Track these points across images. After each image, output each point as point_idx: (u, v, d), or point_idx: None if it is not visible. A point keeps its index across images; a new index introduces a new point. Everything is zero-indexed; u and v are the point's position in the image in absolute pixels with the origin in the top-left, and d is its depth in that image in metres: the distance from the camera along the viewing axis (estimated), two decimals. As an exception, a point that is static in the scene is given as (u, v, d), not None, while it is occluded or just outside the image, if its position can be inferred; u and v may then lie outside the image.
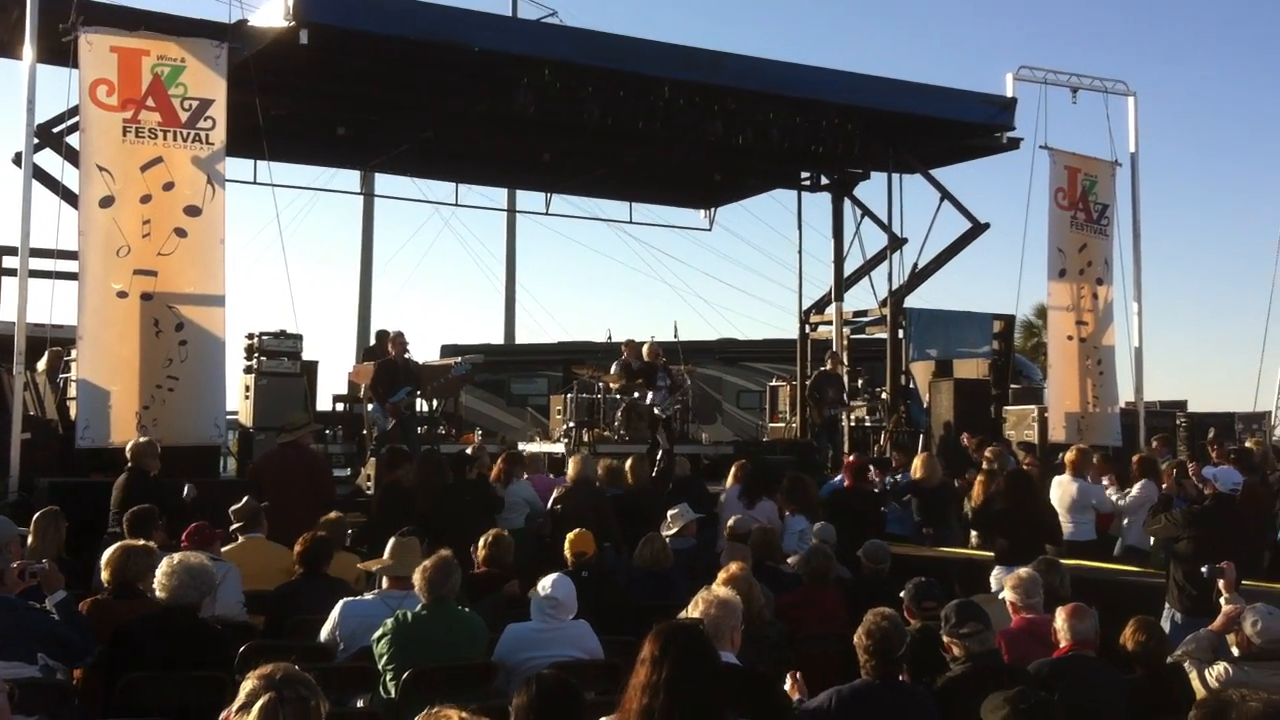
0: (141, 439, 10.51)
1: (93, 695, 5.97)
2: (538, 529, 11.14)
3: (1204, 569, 7.65)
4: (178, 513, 9.01)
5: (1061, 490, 11.73)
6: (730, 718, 4.05)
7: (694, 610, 5.37)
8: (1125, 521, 11.86)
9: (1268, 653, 6.12)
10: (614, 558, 9.81)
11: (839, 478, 13.45)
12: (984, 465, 12.57)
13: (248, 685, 3.48)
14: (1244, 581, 7.77)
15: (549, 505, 11.15)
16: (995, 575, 9.21)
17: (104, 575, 6.72)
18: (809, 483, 11.99)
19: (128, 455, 10.18)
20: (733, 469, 12.22)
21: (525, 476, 11.90)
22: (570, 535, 8.38)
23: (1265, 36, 70.55)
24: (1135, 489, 11.65)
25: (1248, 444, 15.69)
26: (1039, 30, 78.04)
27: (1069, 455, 12.15)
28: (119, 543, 6.85)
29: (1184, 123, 72.97)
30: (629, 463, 12.16)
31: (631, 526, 10.03)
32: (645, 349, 16.09)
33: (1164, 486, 10.85)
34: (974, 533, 11.74)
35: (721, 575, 6.94)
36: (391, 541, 7.23)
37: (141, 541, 7.09)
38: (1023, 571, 7.25)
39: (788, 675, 5.76)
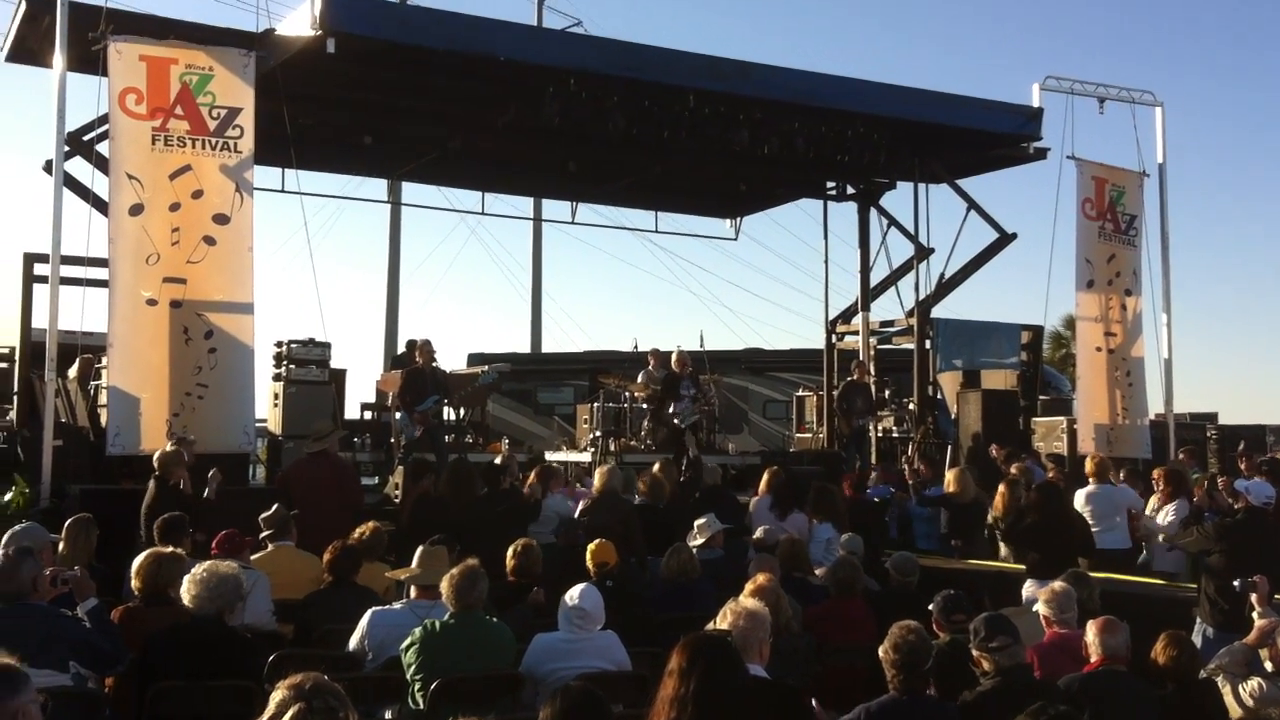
0: (169, 448, 10.51)
1: (124, 704, 5.99)
2: (571, 539, 11.05)
3: (1236, 583, 7.60)
4: (201, 517, 9.10)
5: (1086, 499, 11.62)
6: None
7: (722, 622, 5.34)
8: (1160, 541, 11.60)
9: (1302, 668, 6.07)
10: (638, 571, 9.78)
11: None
12: (1009, 478, 12.52)
13: (277, 695, 3.48)
14: (1277, 595, 7.71)
15: (576, 516, 11.12)
16: (1027, 588, 9.17)
17: (134, 583, 6.75)
18: (836, 492, 11.94)
19: (155, 464, 10.21)
20: (764, 477, 12.13)
21: (557, 490, 11.84)
22: (591, 546, 8.38)
23: (1293, 45, 70.08)
24: (1170, 510, 11.10)
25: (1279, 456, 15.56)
26: (1066, 40, 77.79)
27: (1089, 464, 12.05)
28: (149, 550, 6.89)
29: (1212, 133, 72.59)
30: (656, 467, 12.15)
31: (661, 538, 10.00)
32: (674, 358, 16.07)
33: (1195, 499, 10.77)
34: (1003, 546, 11.65)
35: (749, 586, 6.92)
36: (419, 550, 7.24)
37: (171, 549, 7.11)
38: (1057, 585, 7.20)
39: (813, 700, 5.72)
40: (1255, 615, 7.05)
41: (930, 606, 6.98)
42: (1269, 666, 6.33)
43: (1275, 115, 72.36)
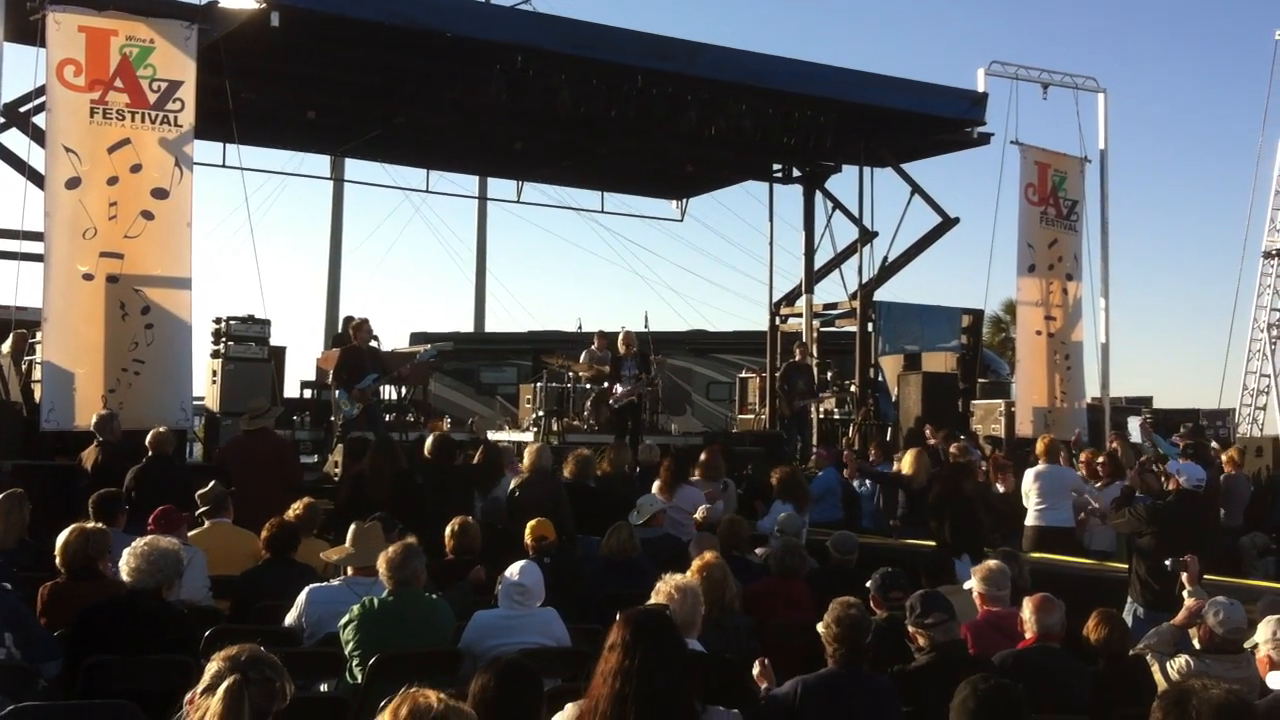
0: (161, 428, 10.64)
1: (57, 677, 5.91)
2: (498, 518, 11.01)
3: (1168, 562, 7.73)
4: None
5: (1035, 476, 11.83)
6: (698, 704, 4.05)
7: (656, 598, 5.39)
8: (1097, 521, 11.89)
9: (1229, 644, 6.19)
10: (569, 548, 9.74)
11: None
12: (951, 459, 12.67)
13: (213, 667, 3.46)
14: (1206, 576, 7.85)
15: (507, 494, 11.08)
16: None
17: (59, 559, 6.62)
18: (799, 474, 12.09)
19: (148, 444, 10.33)
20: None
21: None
22: (530, 523, 8.38)
23: (1233, 35, 71.17)
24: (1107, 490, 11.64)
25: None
26: (1010, 26, 78.45)
27: (1040, 444, 12.28)
28: (74, 525, 6.76)
29: (1153, 120, 73.61)
30: (609, 452, 12.16)
31: (593, 516, 10.01)
32: (620, 338, 16.07)
33: (1127, 480, 10.96)
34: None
35: (696, 563, 6.94)
36: (352, 529, 7.18)
37: (96, 524, 7.00)
38: (991, 563, 7.29)
39: (756, 662, 5.78)
40: (1185, 594, 7.17)
41: (868, 584, 7.05)
42: (1196, 645, 6.45)
43: (1214, 103, 73.52)
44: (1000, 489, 12.50)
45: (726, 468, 12.30)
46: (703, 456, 12.08)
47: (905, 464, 12.61)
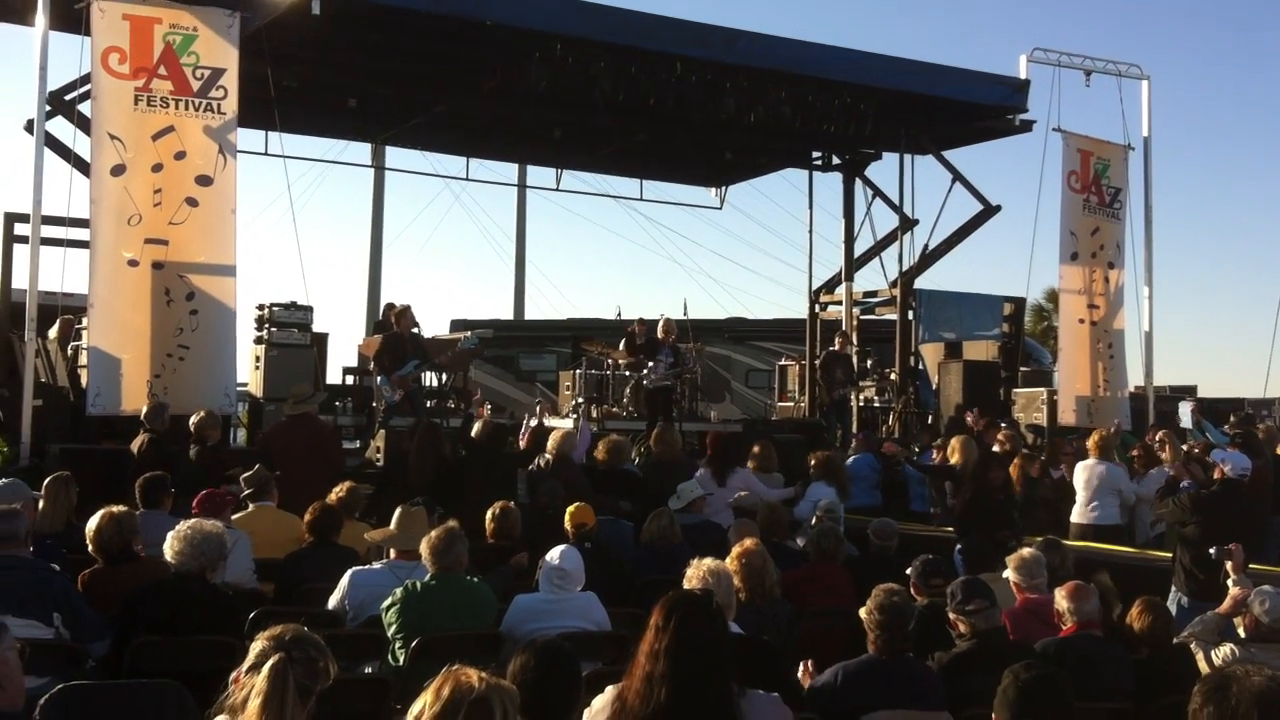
0: (202, 413, 10.78)
1: (104, 658, 6.00)
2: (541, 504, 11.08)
3: (1212, 551, 7.66)
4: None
5: (1087, 473, 11.75)
6: (737, 686, 4.05)
7: (688, 583, 5.41)
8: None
9: (1275, 633, 6.14)
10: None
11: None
12: (996, 448, 12.56)
13: (257, 646, 3.50)
14: (1251, 565, 7.78)
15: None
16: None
17: (92, 547, 6.68)
18: (839, 461, 12.07)
19: (191, 429, 10.49)
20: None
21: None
22: (570, 509, 8.42)
23: (1278, 20, 70.16)
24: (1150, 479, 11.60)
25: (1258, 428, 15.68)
26: (1053, 12, 77.71)
27: (1093, 439, 12.18)
28: (102, 511, 6.81)
29: (1197, 107, 72.73)
30: (656, 433, 12.33)
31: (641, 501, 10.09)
32: (660, 325, 16.09)
33: (1172, 471, 10.86)
34: None
35: (736, 549, 6.95)
36: (397, 512, 7.24)
37: (121, 507, 7.06)
38: (1025, 552, 7.25)
39: (800, 664, 5.77)
40: (1230, 583, 7.11)
41: (908, 571, 7.04)
42: (1241, 634, 6.40)
43: (1260, 91, 72.56)
44: (1055, 476, 12.48)
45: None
46: (755, 449, 12.02)
47: (953, 452, 12.38)
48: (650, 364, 15.76)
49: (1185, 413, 15.63)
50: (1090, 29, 75.41)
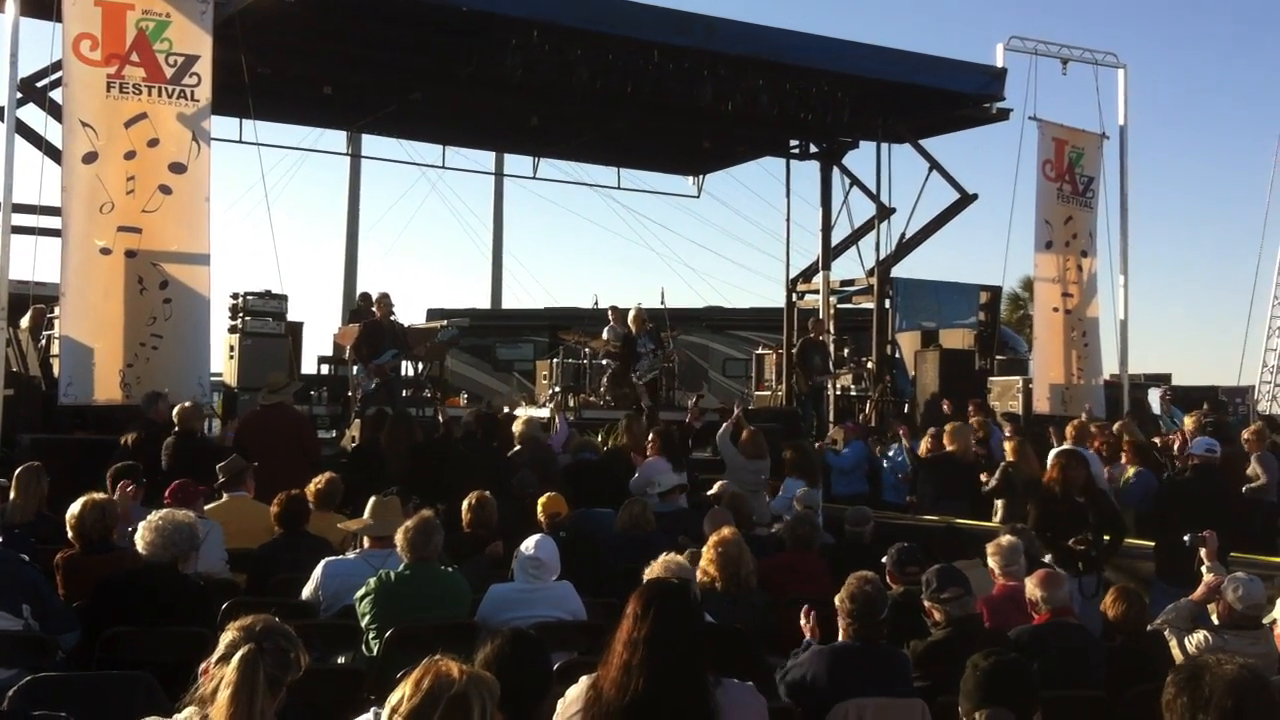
0: (187, 403, 10.63)
1: (75, 647, 5.95)
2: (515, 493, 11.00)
3: (1186, 538, 7.69)
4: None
5: None
6: (711, 675, 4.04)
7: (651, 574, 5.40)
8: None
9: (1248, 619, 6.17)
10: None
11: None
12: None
13: (227, 636, 3.47)
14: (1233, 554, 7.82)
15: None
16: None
17: (72, 531, 6.65)
18: (810, 450, 12.02)
19: (174, 420, 10.37)
20: (652, 440, 11.37)
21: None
22: (542, 499, 8.39)
23: (1256, 11, 70.53)
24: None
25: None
26: (1030, 1, 77.90)
27: (1069, 428, 12.16)
28: (86, 497, 6.77)
29: (1173, 96, 73.06)
30: (622, 423, 12.26)
31: (608, 489, 10.06)
32: (631, 316, 16.03)
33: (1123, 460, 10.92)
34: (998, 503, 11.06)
35: (713, 538, 6.91)
36: (371, 501, 7.20)
37: (103, 495, 7.02)
38: (1004, 539, 7.27)
39: (802, 612, 5.78)
40: (1204, 569, 7.13)
41: (884, 559, 7.04)
42: (1215, 620, 6.42)
43: (1236, 80, 72.92)
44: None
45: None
46: (743, 435, 11.95)
47: (946, 439, 12.20)
48: (635, 363, 15.69)
49: (1154, 398, 15.73)
50: (1067, 18, 75.66)
